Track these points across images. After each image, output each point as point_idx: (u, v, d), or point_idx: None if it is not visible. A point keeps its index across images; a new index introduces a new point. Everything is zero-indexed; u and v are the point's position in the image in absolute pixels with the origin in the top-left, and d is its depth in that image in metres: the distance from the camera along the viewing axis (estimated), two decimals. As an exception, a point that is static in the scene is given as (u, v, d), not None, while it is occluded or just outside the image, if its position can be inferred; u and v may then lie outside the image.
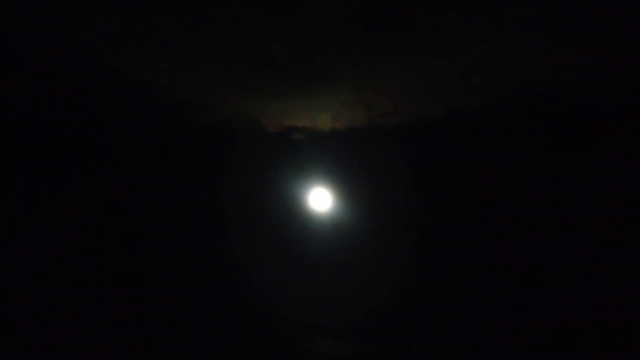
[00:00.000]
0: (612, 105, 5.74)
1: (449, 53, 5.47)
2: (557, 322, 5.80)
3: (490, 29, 5.14)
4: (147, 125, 6.21)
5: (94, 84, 5.93)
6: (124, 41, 5.32)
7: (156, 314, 6.16)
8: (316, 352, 6.26)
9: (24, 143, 6.25)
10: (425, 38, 5.27)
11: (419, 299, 6.14)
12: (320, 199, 6.32)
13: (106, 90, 6.01)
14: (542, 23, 5.05)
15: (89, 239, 6.23)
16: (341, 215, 6.28)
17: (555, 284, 5.87)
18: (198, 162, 6.33)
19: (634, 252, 5.71)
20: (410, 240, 6.19)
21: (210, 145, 6.29)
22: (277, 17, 5.04)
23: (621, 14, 4.85)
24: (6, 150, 6.23)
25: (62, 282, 6.14)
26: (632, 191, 5.73)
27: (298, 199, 6.33)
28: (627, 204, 5.73)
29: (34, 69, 5.70)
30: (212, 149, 6.30)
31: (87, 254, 6.19)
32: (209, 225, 6.35)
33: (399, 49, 5.42)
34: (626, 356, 5.60)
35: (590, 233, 5.72)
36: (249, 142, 6.28)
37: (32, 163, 6.29)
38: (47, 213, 6.24)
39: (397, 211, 6.16)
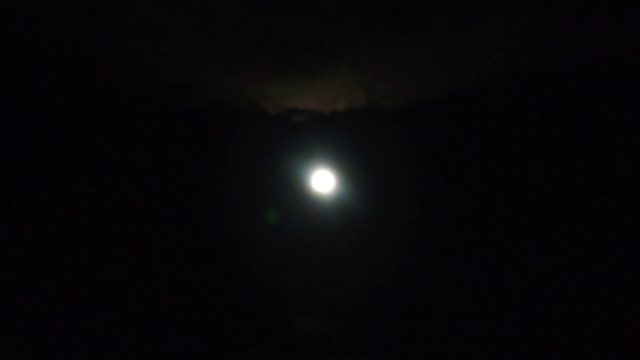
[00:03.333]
0: (612, 86, 5.72)
1: (449, 34, 5.40)
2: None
3: (491, 10, 5.10)
4: (146, 108, 6.20)
5: (93, 68, 5.91)
6: (123, 25, 5.28)
7: (156, 296, 6.19)
8: (311, 333, 6.34)
9: (24, 129, 6.25)
10: (426, 19, 5.21)
11: (418, 284, 6.18)
12: (321, 181, 6.35)
13: (105, 75, 5.99)
14: (543, 3, 5.01)
15: (86, 229, 6.23)
16: (343, 197, 6.31)
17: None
18: (199, 145, 6.34)
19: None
20: (411, 224, 6.22)
21: (211, 128, 6.29)
22: (276, -2, 4.98)
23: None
24: (5, 136, 6.23)
25: (67, 276, 6.17)
26: (632, 174, 5.70)
27: (299, 181, 6.35)
28: (628, 187, 5.70)
29: (34, 54, 5.68)
30: (212, 131, 6.31)
31: (85, 247, 6.19)
32: (211, 208, 6.39)
33: (399, 30, 5.36)
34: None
35: (592, 217, 5.71)
36: (250, 124, 6.28)
37: (32, 149, 6.28)
38: (48, 203, 6.25)
39: (399, 193, 6.19)
